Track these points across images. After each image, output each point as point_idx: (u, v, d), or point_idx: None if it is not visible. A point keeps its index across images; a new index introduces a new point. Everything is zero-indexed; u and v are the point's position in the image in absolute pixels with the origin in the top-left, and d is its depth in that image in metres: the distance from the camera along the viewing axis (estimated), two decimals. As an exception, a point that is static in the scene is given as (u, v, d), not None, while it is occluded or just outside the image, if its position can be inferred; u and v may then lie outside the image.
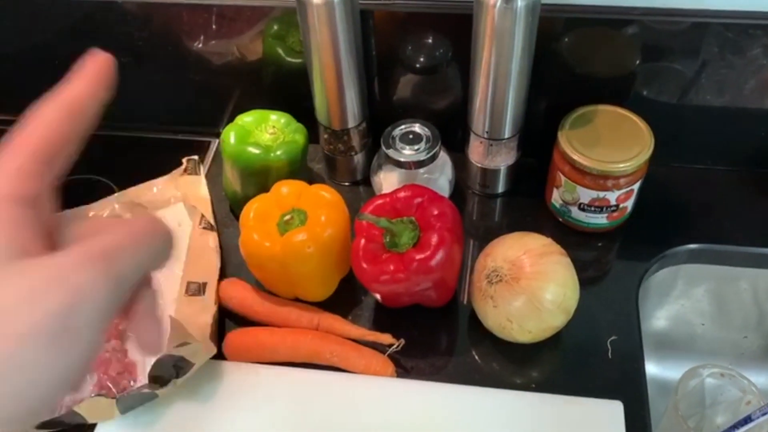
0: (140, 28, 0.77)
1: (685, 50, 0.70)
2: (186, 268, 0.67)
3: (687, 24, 0.68)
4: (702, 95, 0.74)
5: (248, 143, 0.70)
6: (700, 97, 0.74)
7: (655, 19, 0.68)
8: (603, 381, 0.62)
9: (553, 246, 0.62)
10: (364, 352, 0.64)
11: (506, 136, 0.70)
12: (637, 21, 0.68)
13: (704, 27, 0.68)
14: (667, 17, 0.68)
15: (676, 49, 0.70)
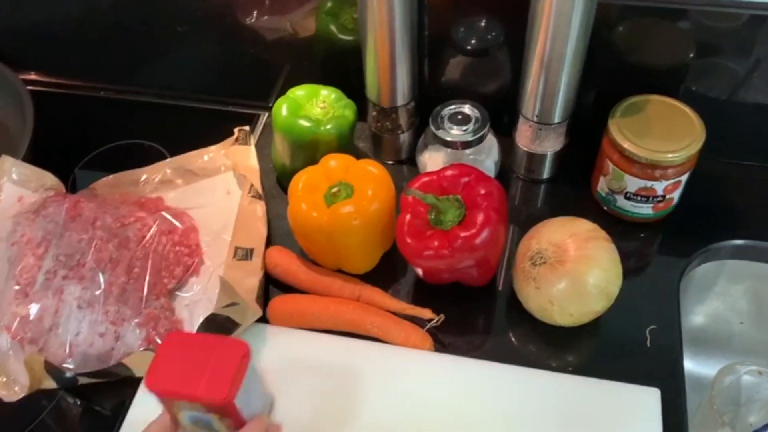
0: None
1: (739, 46, 0.69)
2: (234, 234, 0.68)
3: (744, 17, 0.67)
4: (754, 93, 0.73)
5: (299, 116, 0.71)
6: (753, 95, 0.73)
7: (712, 9, 0.67)
8: (640, 369, 0.63)
9: (599, 231, 0.63)
10: (404, 325, 0.65)
11: (556, 121, 0.71)
12: (693, 12, 0.67)
13: (761, 21, 0.67)
14: (725, 8, 0.67)
15: (730, 44, 0.69)
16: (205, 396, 0.49)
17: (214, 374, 0.50)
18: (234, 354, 0.51)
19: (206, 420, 0.52)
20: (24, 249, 0.63)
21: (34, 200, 0.69)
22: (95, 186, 0.75)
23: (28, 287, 0.61)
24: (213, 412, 0.51)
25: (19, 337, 0.60)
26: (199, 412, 0.51)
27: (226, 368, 0.50)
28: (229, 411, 0.51)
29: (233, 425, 0.53)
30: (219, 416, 0.52)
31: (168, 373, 0.50)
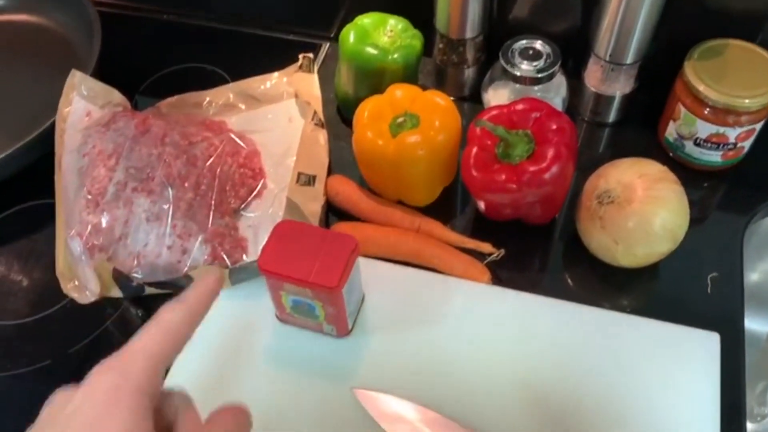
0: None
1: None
2: (297, 160, 0.69)
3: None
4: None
5: (366, 44, 0.70)
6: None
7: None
8: (700, 315, 0.62)
9: (668, 173, 0.62)
10: (463, 258, 0.65)
11: (628, 62, 0.69)
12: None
13: None
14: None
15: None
16: (317, 282, 0.53)
17: (325, 263, 0.53)
18: (344, 246, 0.54)
19: (309, 306, 0.56)
20: (95, 160, 0.64)
21: (102, 115, 0.69)
22: (160, 105, 0.76)
23: (99, 197, 0.62)
24: (319, 299, 0.55)
25: (90, 244, 0.61)
26: (305, 297, 0.55)
27: (337, 258, 0.53)
28: (335, 299, 0.54)
29: (334, 314, 0.56)
30: (323, 304, 0.55)
31: (280, 256, 0.54)
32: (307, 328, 0.61)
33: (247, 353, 0.60)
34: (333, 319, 0.58)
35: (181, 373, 0.59)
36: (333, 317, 0.57)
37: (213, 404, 0.40)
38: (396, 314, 0.62)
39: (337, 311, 0.56)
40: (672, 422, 0.56)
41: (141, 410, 0.34)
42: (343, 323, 0.59)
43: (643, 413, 0.56)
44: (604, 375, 0.58)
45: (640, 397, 0.57)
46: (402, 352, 0.60)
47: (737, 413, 0.58)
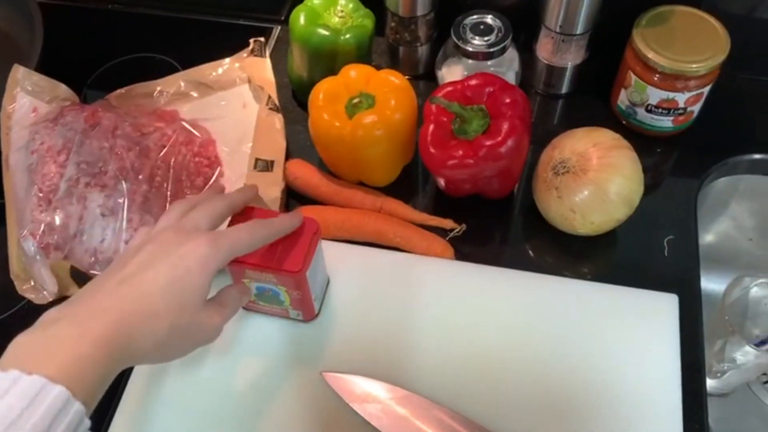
0: None
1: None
2: (254, 146, 0.68)
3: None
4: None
5: (317, 25, 0.69)
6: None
7: None
8: (658, 278, 0.64)
9: (621, 141, 0.63)
10: (426, 235, 0.66)
11: (579, 32, 0.70)
12: None
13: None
14: None
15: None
16: (280, 267, 0.52)
17: (287, 247, 0.53)
18: (306, 230, 0.54)
19: (274, 292, 0.56)
20: (44, 156, 0.62)
21: (49, 111, 0.68)
22: (110, 97, 0.74)
23: (51, 194, 0.61)
24: (283, 284, 0.54)
25: (44, 244, 0.60)
26: (268, 283, 0.54)
27: (298, 242, 0.53)
28: (300, 284, 0.54)
29: (300, 298, 0.56)
30: (287, 289, 0.55)
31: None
32: (274, 315, 0.60)
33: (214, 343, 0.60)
34: (299, 304, 0.58)
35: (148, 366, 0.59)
36: (299, 302, 0.57)
37: (180, 393, 0.40)
38: (362, 295, 0.62)
39: (303, 295, 0.56)
40: (635, 383, 0.57)
41: (211, 281, 0.46)
42: (309, 307, 0.59)
43: (606, 376, 0.57)
44: (568, 342, 0.59)
45: (603, 360, 0.58)
46: (370, 333, 0.60)
47: (697, 371, 0.60)
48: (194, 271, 0.45)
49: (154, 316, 0.43)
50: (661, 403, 0.56)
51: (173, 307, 0.44)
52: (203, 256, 0.45)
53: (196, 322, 0.46)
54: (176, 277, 0.44)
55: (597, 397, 0.57)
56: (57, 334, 0.40)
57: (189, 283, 0.45)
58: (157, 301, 0.43)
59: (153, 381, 0.58)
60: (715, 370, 0.76)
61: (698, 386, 0.59)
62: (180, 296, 0.44)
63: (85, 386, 0.38)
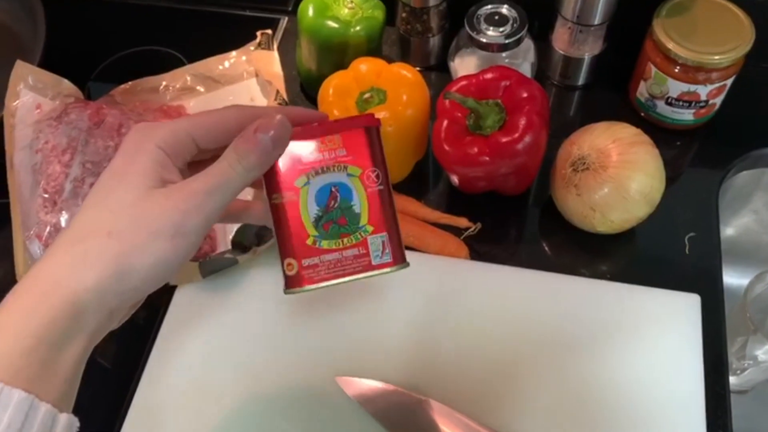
0: None
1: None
2: (262, 142, 0.66)
3: None
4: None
5: (327, 17, 0.67)
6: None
7: None
8: (679, 276, 0.62)
9: (642, 136, 0.61)
10: (440, 234, 0.64)
11: (596, 22, 0.67)
12: None
13: None
14: None
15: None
16: (350, 121, 0.41)
17: (347, 128, 0.41)
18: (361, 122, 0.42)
19: (344, 191, 0.41)
20: (49, 156, 0.61)
21: (53, 107, 0.66)
22: (114, 93, 0.72)
23: (56, 195, 0.59)
24: (359, 162, 0.41)
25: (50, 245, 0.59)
26: (335, 171, 0.41)
27: (356, 122, 0.41)
28: (377, 142, 0.42)
29: (383, 191, 0.42)
30: (363, 173, 0.41)
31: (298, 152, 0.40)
32: (341, 277, 0.42)
33: (221, 350, 0.59)
34: (376, 212, 0.42)
35: (162, 374, 0.58)
36: (379, 209, 0.41)
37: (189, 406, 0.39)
38: (374, 297, 0.61)
39: (386, 185, 0.42)
40: (657, 385, 0.56)
41: (160, 159, 0.37)
42: (395, 229, 0.42)
43: (627, 378, 0.56)
44: (587, 343, 0.58)
45: (625, 363, 0.57)
46: (382, 335, 0.59)
47: (720, 370, 0.58)
48: (128, 159, 0.37)
49: (86, 233, 0.35)
50: (684, 404, 0.55)
51: (99, 210, 0.36)
52: (134, 140, 0.38)
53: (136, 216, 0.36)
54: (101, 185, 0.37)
55: (618, 398, 0.55)
56: None
57: (114, 171, 0.37)
58: (85, 213, 0.37)
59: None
60: (735, 367, 0.75)
61: (721, 388, 0.58)
62: (101, 193, 0.37)
63: (48, 379, 0.33)
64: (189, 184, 0.37)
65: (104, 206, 0.37)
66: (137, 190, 0.36)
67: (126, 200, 0.36)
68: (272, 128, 0.38)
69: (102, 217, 0.36)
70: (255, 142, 0.38)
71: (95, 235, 0.36)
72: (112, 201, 0.37)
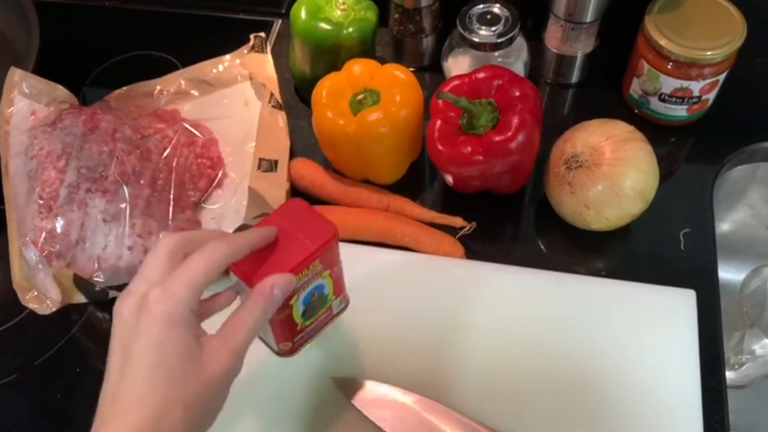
0: None
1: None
2: (257, 146, 0.66)
3: None
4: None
5: (319, 19, 0.68)
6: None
7: None
8: (674, 272, 0.62)
9: (636, 133, 0.61)
10: (435, 234, 0.64)
11: (588, 20, 0.67)
12: None
13: None
14: None
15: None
16: (320, 243, 0.47)
17: (308, 230, 0.47)
18: (323, 231, 0.48)
19: (319, 289, 0.50)
20: (44, 162, 0.61)
21: (47, 114, 0.66)
22: (108, 98, 0.73)
23: (52, 201, 0.60)
24: (327, 263, 0.49)
25: (46, 252, 0.59)
26: (315, 279, 0.49)
27: (311, 219, 0.48)
28: (336, 249, 0.49)
29: (337, 274, 0.51)
30: (330, 270, 0.50)
31: (264, 264, 0.46)
32: (318, 332, 0.54)
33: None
34: (338, 284, 0.52)
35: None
36: (338, 280, 0.52)
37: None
38: (370, 297, 0.61)
39: (339, 267, 0.51)
40: (654, 380, 0.56)
41: (192, 326, 0.41)
42: (343, 282, 0.54)
43: (624, 374, 0.56)
44: (584, 340, 0.58)
45: (622, 359, 0.57)
46: (379, 335, 0.59)
47: (716, 366, 0.58)
48: (165, 340, 0.40)
49: (162, 411, 0.39)
50: (681, 400, 0.55)
51: (170, 389, 0.40)
52: (163, 315, 0.40)
53: (201, 381, 0.41)
54: (154, 363, 0.40)
55: (615, 395, 0.56)
56: None
57: (170, 356, 0.40)
58: (154, 397, 0.39)
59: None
60: (732, 362, 0.75)
61: (718, 383, 0.58)
62: (168, 374, 0.40)
63: None
64: (225, 343, 0.42)
65: (175, 386, 0.40)
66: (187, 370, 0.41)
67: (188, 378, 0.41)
68: (286, 285, 0.45)
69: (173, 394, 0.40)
70: (272, 297, 0.44)
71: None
72: (182, 381, 0.40)
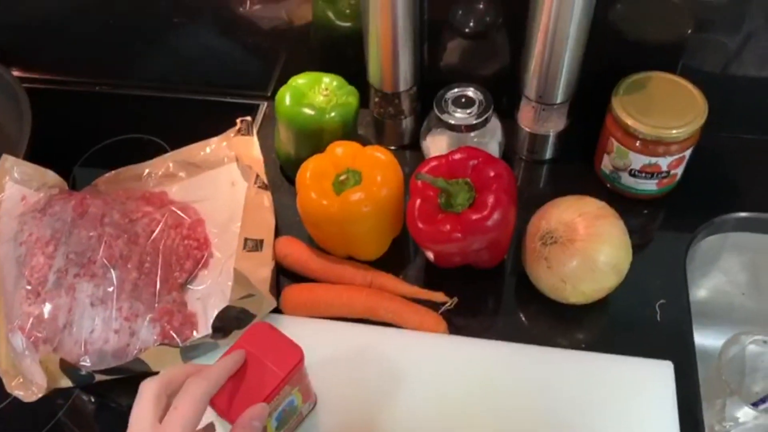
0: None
1: (731, 21, 0.70)
2: (243, 225, 0.68)
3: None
4: (747, 67, 0.74)
5: (303, 104, 0.71)
6: (746, 69, 0.74)
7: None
8: (651, 343, 0.64)
9: (607, 209, 0.63)
10: (418, 310, 0.65)
11: (558, 101, 0.71)
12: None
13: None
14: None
15: (722, 20, 0.70)
16: (289, 367, 0.52)
17: (275, 355, 0.52)
18: (290, 356, 0.53)
19: (291, 403, 0.55)
20: (33, 248, 0.62)
21: (37, 199, 0.68)
22: (98, 182, 0.75)
23: (40, 286, 0.61)
24: (296, 382, 0.54)
25: (33, 337, 0.59)
26: (288, 398, 0.54)
27: (278, 344, 0.53)
28: (301, 370, 0.54)
29: (305, 385, 0.56)
30: (298, 386, 0.55)
31: (238, 394, 0.51)
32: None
33: None
34: (306, 391, 0.57)
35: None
36: (306, 389, 0.57)
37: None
38: (354, 375, 0.62)
39: (306, 379, 0.56)
40: (636, 455, 0.56)
41: None
42: (310, 389, 0.58)
43: (607, 449, 0.57)
44: (565, 413, 0.59)
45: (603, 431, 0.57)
46: (363, 413, 0.59)
47: (697, 435, 0.59)
48: None
49: None
50: (664, 474, 0.56)
51: None
52: None
53: None
54: None
55: (598, 470, 0.56)
56: None
57: None
58: None
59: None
60: (717, 430, 0.75)
61: (699, 453, 0.58)
62: None
63: None
64: None
65: None
66: None
67: None
68: (263, 416, 0.50)
69: None
70: (252, 428, 0.49)
71: None
72: None
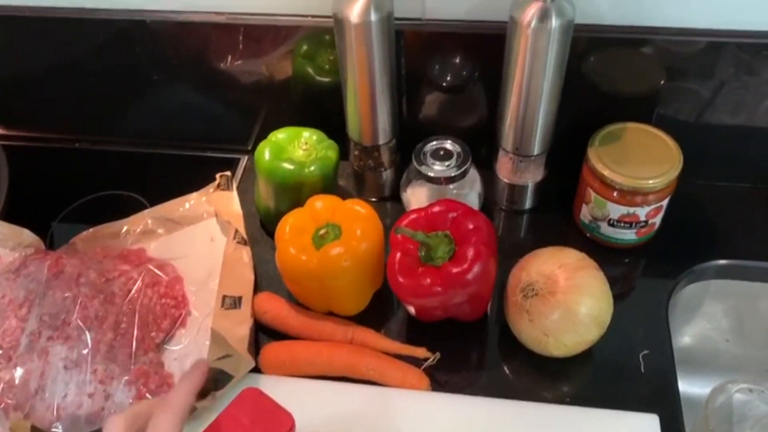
0: (170, 46, 0.79)
1: (703, 70, 0.72)
2: (221, 282, 0.67)
3: (703, 44, 0.69)
4: (720, 114, 0.75)
5: (282, 159, 0.71)
6: (720, 117, 0.75)
7: (672, 38, 0.69)
8: (636, 395, 0.63)
9: (587, 260, 0.63)
10: (400, 366, 0.64)
11: (535, 153, 0.72)
12: (655, 40, 0.69)
13: (719, 47, 0.69)
14: (683, 37, 0.69)
15: (694, 69, 0.72)
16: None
17: (266, 425, 0.52)
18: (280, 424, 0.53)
19: None
20: (5, 310, 0.61)
21: (12, 259, 0.67)
22: (75, 241, 0.74)
23: (12, 350, 0.59)
24: None
25: (3, 404, 0.58)
26: None
27: (270, 411, 0.53)
28: None
29: None
30: None
31: None
32: None
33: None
34: None
35: None
36: None
37: None
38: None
39: None
40: None
41: None
42: None
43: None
44: (552, 473, 0.57)
45: (590, 491, 0.56)
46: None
47: (685, 489, 0.58)
48: None
49: None
50: None
51: None
52: None
53: None
54: None
55: None
56: None
57: None
58: None
59: None
60: (708, 481, 0.74)
61: None
62: None
63: None
64: None
65: None
66: None
67: None
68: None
69: None
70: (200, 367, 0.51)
71: None
72: None
